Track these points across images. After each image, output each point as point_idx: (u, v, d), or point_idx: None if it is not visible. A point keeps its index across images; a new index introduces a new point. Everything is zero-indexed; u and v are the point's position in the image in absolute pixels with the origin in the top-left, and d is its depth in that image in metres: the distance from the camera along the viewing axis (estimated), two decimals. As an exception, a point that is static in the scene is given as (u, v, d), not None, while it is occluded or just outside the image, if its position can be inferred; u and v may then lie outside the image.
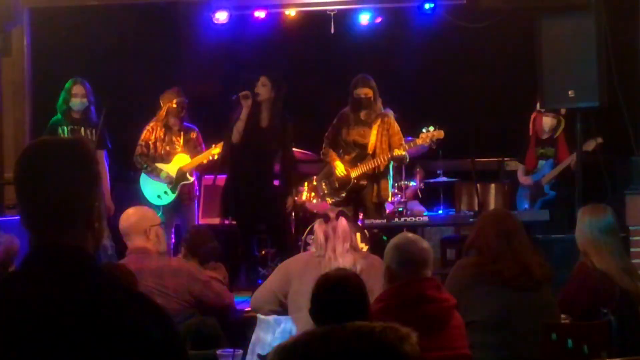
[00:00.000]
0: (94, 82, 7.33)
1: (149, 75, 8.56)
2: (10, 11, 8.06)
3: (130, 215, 4.72)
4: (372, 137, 7.07)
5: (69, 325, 1.58)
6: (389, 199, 7.35)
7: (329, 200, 7.21)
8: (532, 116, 7.76)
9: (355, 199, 7.20)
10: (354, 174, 7.12)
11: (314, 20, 8.65)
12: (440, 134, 6.99)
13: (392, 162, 7.15)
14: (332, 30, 8.39)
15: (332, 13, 8.34)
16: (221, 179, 7.24)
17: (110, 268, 3.49)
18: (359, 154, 7.13)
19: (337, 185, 7.21)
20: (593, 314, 4.09)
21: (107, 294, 1.64)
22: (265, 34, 8.73)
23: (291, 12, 8.60)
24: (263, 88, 6.90)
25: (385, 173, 7.15)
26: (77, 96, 7.07)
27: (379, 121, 7.09)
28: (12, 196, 7.66)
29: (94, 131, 7.12)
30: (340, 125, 7.21)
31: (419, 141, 7.05)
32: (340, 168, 7.12)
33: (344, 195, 7.17)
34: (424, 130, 7.02)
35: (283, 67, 8.82)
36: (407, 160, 7.25)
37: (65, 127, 7.06)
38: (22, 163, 1.74)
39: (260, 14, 8.54)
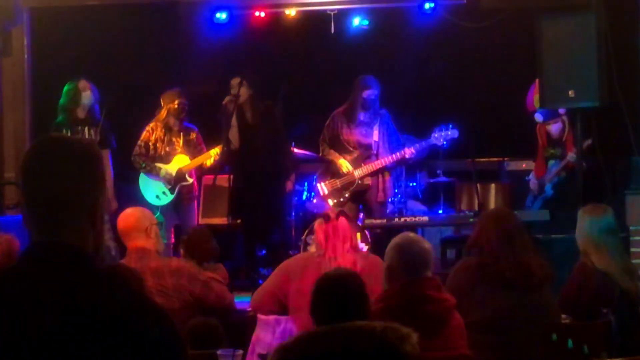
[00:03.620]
0: (94, 82, 7.31)
1: (149, 75, 8.55)
2: (10, 11, 8.04)
3: (129, 215, 4.73)
4: (376, 137, 7.10)
5: (61, 324, 1.57)
6: (390, 198, 7.35)
7: (330, 201, 7.18)
8: (537, 128, 7.67)
9: (359, 199, 7.20)
10: (358, 173, 7.11)
11: (314, 20, 8.64)
12: (454, 133, 7.05)
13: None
14: (332, 30, 8.39)
15: (332, 13, 8.34)
16: (221, 178, 7.24)
17: (122, 271, 3.46)
18: (363, 153, 7.13)
19: (339, 185, 7.20)
20: (593, 314, 4.09)
21: (104, 293, 1.63)
22: (265, 34, 8.72)
23: (291, 12, 8.59)
24: (241, 89, 6.98)
25: (388, 171, 7.16)
26: (87, 89, 7.07)
27: (378, 121, 7.12)
28: (12, 196, 7.66)
29: (97, 130, 7.09)
30: (338, 125, 7.20)
31: (433, 140, 7.08)
32: (345, 165, 7.13)
33: (347, 195, 7.16)
34: (437, 131, 7.05)
35: (283, 66, 8.83)
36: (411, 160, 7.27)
37: (68, 129, 7.01)
38: (27, 159, 1.75)
39: (260, 14, 8.54)
